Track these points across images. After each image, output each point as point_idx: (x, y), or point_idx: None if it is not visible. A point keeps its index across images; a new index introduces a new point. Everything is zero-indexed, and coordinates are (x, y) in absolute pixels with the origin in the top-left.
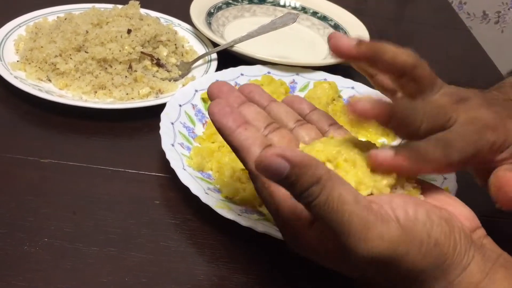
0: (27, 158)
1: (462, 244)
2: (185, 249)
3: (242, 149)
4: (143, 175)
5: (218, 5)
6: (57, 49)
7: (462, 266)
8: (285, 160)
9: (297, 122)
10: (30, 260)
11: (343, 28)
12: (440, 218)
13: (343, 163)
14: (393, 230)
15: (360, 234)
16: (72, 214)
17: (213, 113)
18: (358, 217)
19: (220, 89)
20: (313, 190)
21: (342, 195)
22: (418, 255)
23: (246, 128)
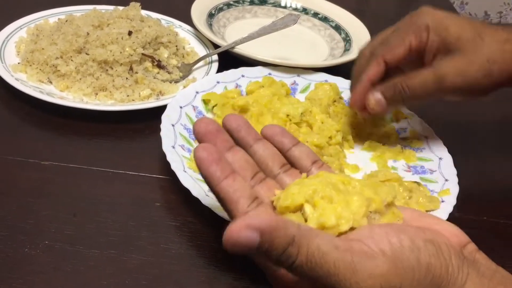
0: (27, 160)
1: (454, 262)
2: (186, 251)
3: (231, 201)
4: (144, 177)
5: (219, 6)
6: (58, 51)
7: (458, 285)
8: (253, 229)
9: (282, 168)
10: (31, 263)
11: (344, 29)
12: (425, 241)
13: (321, 201)
14: (381, 265)
15: (350, 279)
16: (73, 217)
17: (200, 159)
18: (344, 263)
19: (207, 128)
20: (289, 251)
21: (321, 247)
22: (413, 282)
23: (235, 179)
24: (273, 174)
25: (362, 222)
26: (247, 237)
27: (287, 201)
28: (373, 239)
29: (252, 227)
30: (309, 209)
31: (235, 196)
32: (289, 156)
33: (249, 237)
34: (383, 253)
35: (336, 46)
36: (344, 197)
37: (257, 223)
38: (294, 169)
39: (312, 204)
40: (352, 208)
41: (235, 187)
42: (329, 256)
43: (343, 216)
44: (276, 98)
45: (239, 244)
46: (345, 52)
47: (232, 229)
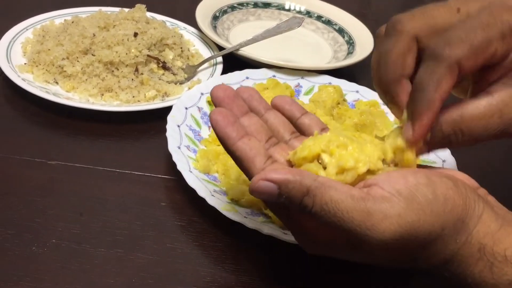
0: (34, 159)
1: (470, 196)
2: (191, 251)
3: (247, 159)
4: (149, 177)
5: (224, 8)
6: (64, 52)
7: (476, 215)
8: (271, 182)
9: (292, 134)
10: (38, 261)
11: (347, 32)
12: (441, 176)
13: (337, 149)
14: (396, 205)
15: (366, 223)
16: (79, 216)
17: (216, 120)
18: (357, 210)
19: (225, 93)
20: (305, 201)
21: (334, 197)
22: (432, 215)
23: (250, 139)
24: (284, 139)
25: (378, 164)
26: (267, 188)
27: (304, 152)
28: (389, 182)
29: (270, 180)
30: (327, 157)
31: (252, 153)
32: (299, 124)
33: (268, 187)
34: (398, 193)
35: (339, 49)
36: (358, 145)
37: (274, 177)
38: (303, 136)
39: (329, 153)
40: (367, 152)
41: (251, 145)
42: (342, 205)
43: (360, 159)
44: None
45: (262, 194)
46: (349, 55)
47: (253, 181)
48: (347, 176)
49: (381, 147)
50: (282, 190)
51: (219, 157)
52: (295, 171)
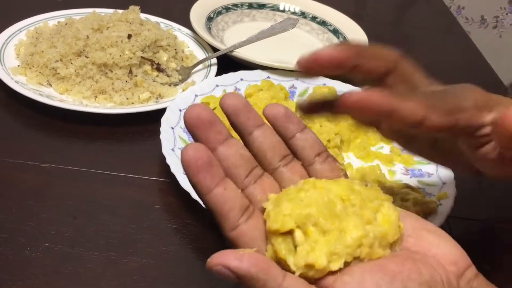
0: (27, 162)
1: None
2: (185, 254)
3: (221, 214)
4: (143, 179)
5: (218, 10)
6: (57, 54)
7: None
8: (230, 270)
9: (282, 160)
10: (31, 265)
11: (342, 33)
12: (420, 285)
13: (313, 230)
14: None
15: None
16: (73, 219)
17: (188, 162)
18: None
19: (199, 117)
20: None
21: None
22: None
23: (226, 187)
24: (271, 167)
25: (356, 253)
26: (223, 274)
27: (276, 223)
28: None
29: (229, 268)
30: (300, 237)
31: (225, 209)
32: (291, 144)
33: (225, 274)
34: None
35: None
36: (339, 225)
37: (235, 266)
38: (295, 161)
39: (304, 231)
40: (347, 240)
41: (225, 197)
42: None
43: (336, 252)
44: (275, 101)
45: (219, 276)
46: None
47: (211, 262)
48: (315, 274)
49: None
50: (242, 281)
51: None
52: (261, 265)
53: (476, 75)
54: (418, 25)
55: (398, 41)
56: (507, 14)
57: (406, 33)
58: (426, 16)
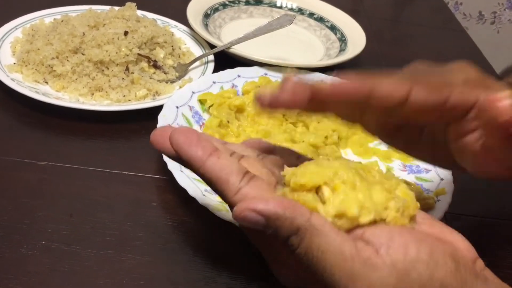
0: (23, 160)
1: (469, 280)
2: (183, 251)
3: (220, 181)
4: (140, 177)
5: (215, 6)
6: (54, 51)
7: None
8: (259, 214)
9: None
10: (27, 263)
11: (339, 29)
12: (444, 256)
13: (342, 185)
14: (386, 278)
15: (346, 284)
16: (69, 217)
17: (178, 143)
18: (342, 269)
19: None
20: (292, 240)
21: (322, 247)
22: None
23: (219, 156)
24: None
25: (383, 214)
26: (252, 219)
27: (303, 178)
28: (388, 248)
29: (257, 211)
30: (328, 192)
31: (223, 174)
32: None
33: (254, 219)
34: (393, 264)
35: (331, 46)
36: (367, 185)
37: (263, 208)
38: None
39: (332, 187)
40: (375, 199)
41: (221, 164)
42: (327, 257)
43: (365, 206)
44: None
45: (246, 222)
46: (341, 52)
47: (239, 210)
48: (345, 223)
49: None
50: (270, 223)
51: None
52: (287, 204)
53: None
54: (416, 22)
55: (395, 37)
56: (505, 10)
57: (404, 30)
58: (423, 12)
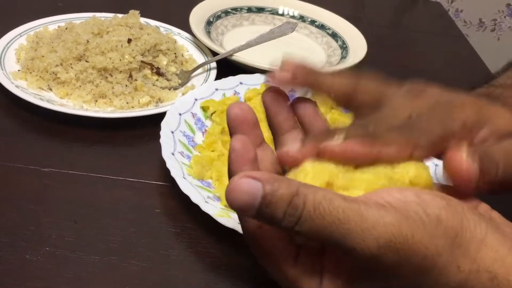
0: (28, 166)
1: (468, 216)
2: (185, 258)
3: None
4: (143, 183)
5: (217, 14)
6: (58, 59)
7: (478, 239)
8: (255, 179)
9: None
10: (32, 269)
11: (341, 36)
12: (432, 195)
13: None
14: (390, 214)
15: (361, 225)
16: (73, 223)
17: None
18: (352, 210)
19: (245, 117)
20: (295, 202)
21: (327, 196)
22: (425, 235)
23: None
24: None
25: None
26: (249, 186)
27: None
28: (377, 195)
29: (254, 177)
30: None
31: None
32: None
33: (251, 186)
34: (390, 204)
35: (333, 54)
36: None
37: (259, 175)
38: None
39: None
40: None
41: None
42: (336, 203)
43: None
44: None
45: (242, 195)
46: (342, 60)
47: (234, 180)
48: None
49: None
50: (267, 188)
51: (213, 163)
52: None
53: (474, 78)
54: (417, 28)
55: (396, 44)
56: (505, 17)
57: (404, 36)
58: (424, 19)
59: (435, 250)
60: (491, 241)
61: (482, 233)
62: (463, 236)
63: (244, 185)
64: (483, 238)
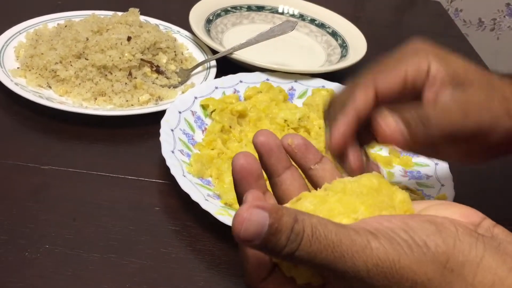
0: (27, 164)
1: (462, 239)
2: (185, 256)
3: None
4: (143, 181)
5: (217, 12)
6: (57, 56)
7: (473, 262)
8: (263, 209)
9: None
10: (31, 267)
11: (340, 35)
12: (420, 222)
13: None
14: (378, 239)
15: (351, 250)
16: (73, 221)
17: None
18: (344, 235)
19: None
20: (296, 229)
21: (322, 221)
22: (412, 260)
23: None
24: None
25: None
26: (258, 216)
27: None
28: (366, 223)
29: (261, 208)
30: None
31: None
32: (311, 175)
33: (260, 217)
34: (377, 230)
35: (332, 52)
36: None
37: (265, 205)
38: None
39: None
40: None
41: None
42: (329, 227)
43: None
44: (274, 103)
45: (250, 225)
46: (342, 58)
47: (242, 211)
48: None
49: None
50: (273, 217)
51: (213, 161)
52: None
53: None
54: (416, 28)
55: (396, 44)
56: (505, 17)
57: (404, 36)
58: (424, 19)
59: (425, 276)
60: (489, 263)
61: (479, 255)
62: (455, 260)
63: (254, 216)
64: (479, 261)
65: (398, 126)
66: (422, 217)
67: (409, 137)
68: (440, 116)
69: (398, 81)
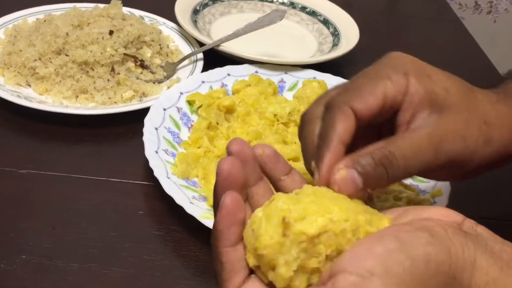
0: (4, 168)
1: (455, 240)
2: (170, 262)
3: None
4: (127, 183)
5: (204, 2)
6: (36, 53)
7: (469, 263)
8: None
9: None
10: (7, 279)
11: (332, 23)
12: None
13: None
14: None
15: None
16: (52, 229)
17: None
18: None
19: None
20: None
21: None
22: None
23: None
24: None
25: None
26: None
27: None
28: (356, 260)
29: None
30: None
31: (235, 268)
32: (280, 186)
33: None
34: (370, 273)
35: (324, 41)
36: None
37: None
38: None
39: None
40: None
41: (238, 257)
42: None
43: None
44: (263, 97)
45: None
46: (334, 47)
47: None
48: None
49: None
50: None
51: (199, 160)
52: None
53: (470, 62)
54: (410, 13)
55: (389, 31)
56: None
57: (398, 22)
58: (418, 3)
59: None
60: (481, 263)
61: (471, 255)
62: (455, 266)
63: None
64: (473, 261)
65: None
66: (412, 225)
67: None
68: (409, 155)
69: (377, 103)
